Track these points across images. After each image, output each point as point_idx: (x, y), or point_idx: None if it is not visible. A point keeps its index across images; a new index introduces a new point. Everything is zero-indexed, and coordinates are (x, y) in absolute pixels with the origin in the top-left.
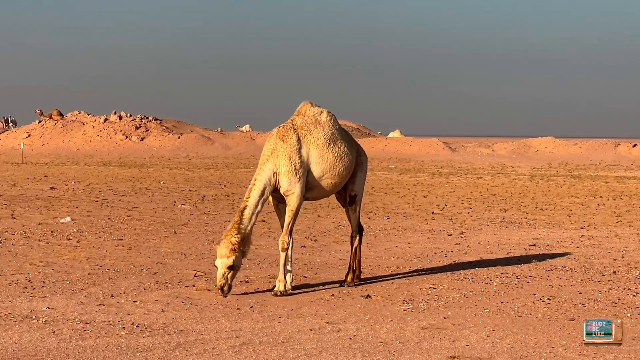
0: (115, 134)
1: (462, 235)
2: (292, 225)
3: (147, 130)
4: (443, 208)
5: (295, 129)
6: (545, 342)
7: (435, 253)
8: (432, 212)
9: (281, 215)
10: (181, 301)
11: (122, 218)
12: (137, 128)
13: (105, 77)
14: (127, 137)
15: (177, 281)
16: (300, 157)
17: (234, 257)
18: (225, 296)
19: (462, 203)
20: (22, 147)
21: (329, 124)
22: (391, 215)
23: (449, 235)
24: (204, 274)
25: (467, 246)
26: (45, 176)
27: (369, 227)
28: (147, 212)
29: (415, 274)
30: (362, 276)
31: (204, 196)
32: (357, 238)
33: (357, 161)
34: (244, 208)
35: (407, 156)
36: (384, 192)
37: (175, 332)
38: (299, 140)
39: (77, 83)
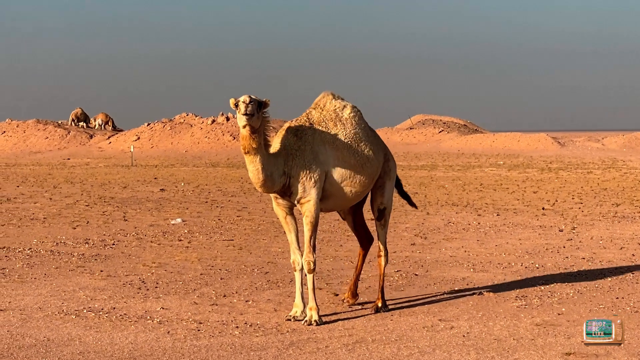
0: (223, 135)
1: (574, 231)
2: (314, 239)
3: None
4: (553, 204)
5: (311, 124)
6: None
7: (547, 249)
8: (543, 208)
9: (291, 229)
10: (293, 300)
11: (232, 218)
12: None
13: (212, 79)
14: (234, 138)
15: (289, 280)
16: (316, 158)
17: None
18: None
19: (573, 198)
20: (131, 149)
21: (352, 122)
22: (501, 212)
23: (561, 230)
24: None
25: (580, 242)
26: (155, 178)
27: (478, 223)
28: (257, 212)
29: (527, 270)
30: (474, 275)
31: None
32: (384, 258)
33: (384, 168)
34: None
35: (516, 152)
36: (493, 188)
37: (288, 331)
38: (315, 138)
39: (183, 85)
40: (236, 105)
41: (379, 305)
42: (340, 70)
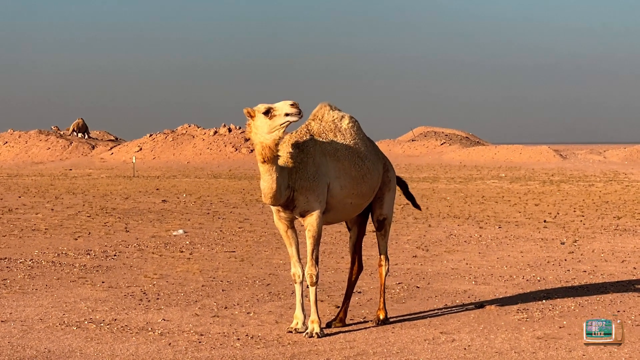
0: (225, 146)
1: (576, 244)
2: (317, 252)
3: None
4: (555, 216)
5: (312, 136)
6: None
7: (548, 262)
8: (544, 221)
9: (292, 243)
10: (294, 312)
11: (234, 230)
12: (246, 140)
13: (214, 90)
14: (236, 150)
15: (290, 292)
16: (319, 170)
17: None
18: None
19: (575, 211)
20: (133, 160)
21: (351, 132)
22: (503, 224)
23: (562, 243)
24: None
25: (581, 254)
26: (157, 189)
27: (480, 236)
28: (258, 224)
29: (528, 283)
30: (476, 288)
31: None
32: (386, 268)
33: (383, 179)
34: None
35: (517, 164)
36: (495, 200)
37: (289, 343)
38: (316, 149)
39: (186, 96)
40: (266, 113)
41: (381, 317)
42: (342, 82)
